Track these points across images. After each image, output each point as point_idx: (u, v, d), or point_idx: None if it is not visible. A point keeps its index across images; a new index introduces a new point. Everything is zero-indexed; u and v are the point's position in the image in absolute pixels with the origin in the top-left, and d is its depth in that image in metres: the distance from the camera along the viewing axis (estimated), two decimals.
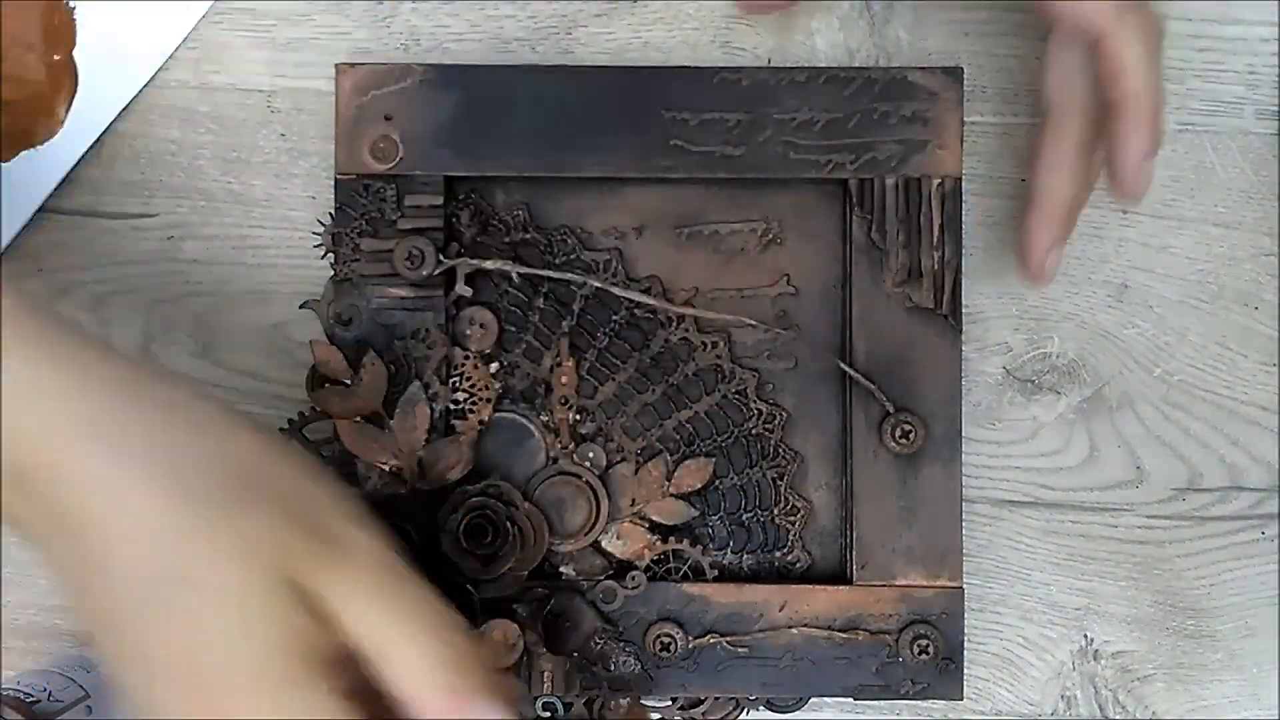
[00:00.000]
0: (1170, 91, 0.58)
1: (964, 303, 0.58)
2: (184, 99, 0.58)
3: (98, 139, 0.57)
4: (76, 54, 0.57)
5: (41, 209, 0.57)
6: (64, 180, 0.57)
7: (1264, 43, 0.58)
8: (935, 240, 0.55)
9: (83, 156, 0.57)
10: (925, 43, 0.58)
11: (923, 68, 0.55)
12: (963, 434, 0.55)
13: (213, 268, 0.58)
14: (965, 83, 0.57)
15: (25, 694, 0.50)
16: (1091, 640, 0.59)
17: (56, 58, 0.56)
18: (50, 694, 0.51)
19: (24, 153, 0.57)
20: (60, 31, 0.56)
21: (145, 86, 0.57)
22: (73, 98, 0.56)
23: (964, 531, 0.58)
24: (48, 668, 0.53)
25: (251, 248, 0.58)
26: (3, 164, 0.57)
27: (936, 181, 0.55)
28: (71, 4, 0.56)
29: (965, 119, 0.57)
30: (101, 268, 0.58)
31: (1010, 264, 0.58)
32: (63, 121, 0.57)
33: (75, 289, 0.58)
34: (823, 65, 0.56)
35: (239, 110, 0.58)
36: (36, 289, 0.57)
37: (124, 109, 0.57)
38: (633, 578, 0.55)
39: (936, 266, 0.55)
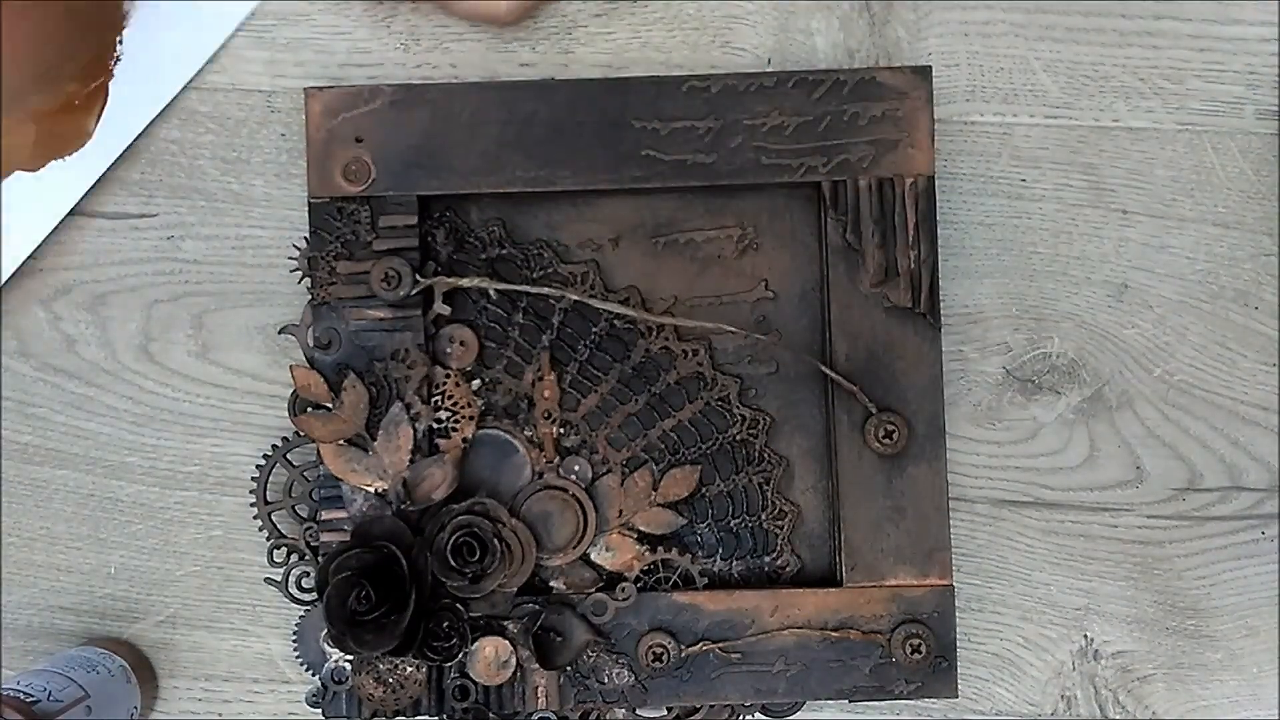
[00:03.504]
0: (1170, 91, 0.58)
1: (964, 303, 0.58)
2: (184, 99, 0.58)
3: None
4: None
5: None
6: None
7: (1264, 43, 0.58)
8: (911, 239, 0.55)
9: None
10: (925, 43, 0.58)
11: (890, 67, 0.55)
12: (946, 431, 0.55)
13: (213, 268, 0.58)
14: (966, 83, 0.57)
15: (25, 694, 0.50)
16: (1091, 640, 0.58)
17: (93, 84, 0.56)
18: (50, 694, 0.51)
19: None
20: (102, 63, 0.56)
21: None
22: (103, 110, 0.57)
23: (964, 531, 0.58)
24: (48, 668, 0.53)
25: (251, 248, 0.58)
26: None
27: (910, 181, 0.55)
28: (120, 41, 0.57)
29: (965, 119, 0.57)
30: (101, 268, 0.58)
31: (1010, 264, 0.58)
32: (92, 133, 0.57)
33: (75, 289, 0.58)
34: (791, 69, 0.57)
35: (239, 110, 0.58)
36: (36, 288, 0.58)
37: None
38: (623, 589, 0.55)
39: (913, 265, 0.55)
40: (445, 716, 0.54)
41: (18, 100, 0.51)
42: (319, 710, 0.54)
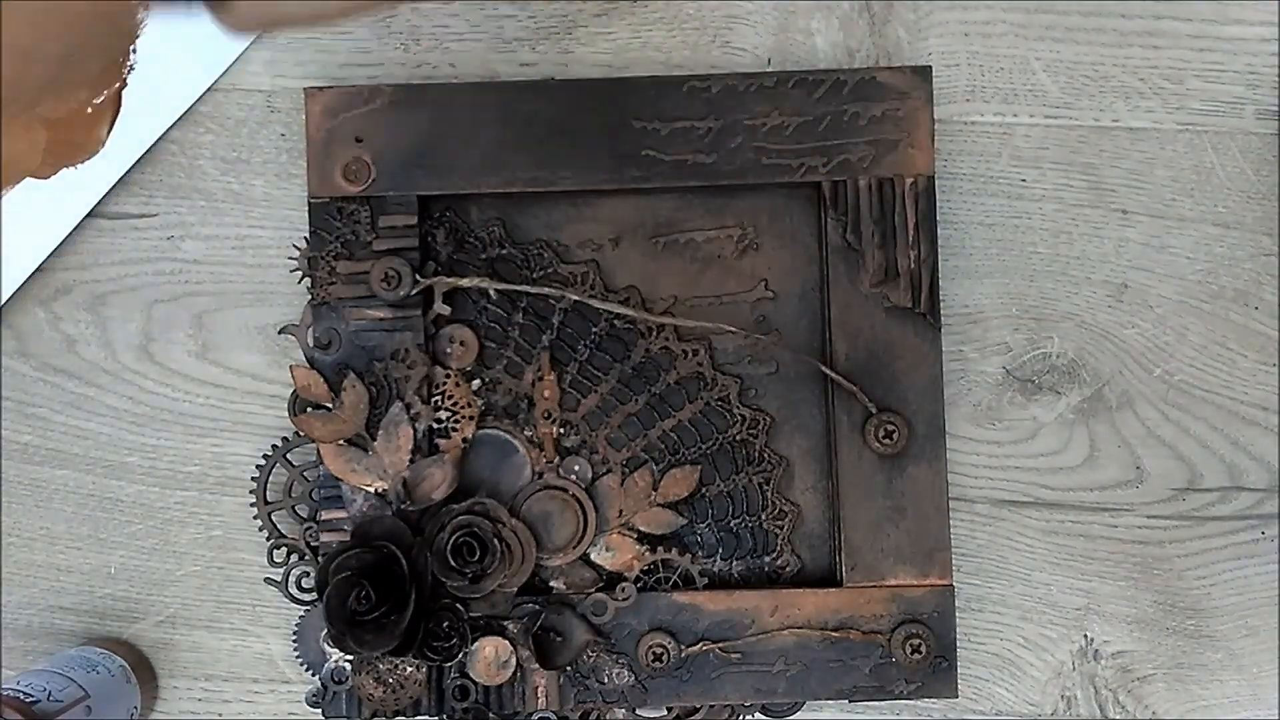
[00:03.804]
0: (1170, 91, 0.58)
1: (964, 303, 0.58)
2: None
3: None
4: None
5: None
6: None
7: (1264, 43, 0.58)
8: (911, 239, 0.55)
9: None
10: (925, 43, 0.58)
11: (891, 67, 0.55)
12: (946, 431, 0.55)
13: (213, 268, 0.58)
14: (966, 83, 0.57)
15: (25, 694, 0.50)
16: (1091, 640, 0.58)
17: (105, 93, 0.56)
18: (50, 694, 0.51)
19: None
20: (115, 71, 0.56)
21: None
22: (116, 118, 0.57)
23: (964, 531, 0.58)
24: (48, 668, 0.53)
25: (251, 248, 0.58)
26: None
27: (910, 181, 0.55)
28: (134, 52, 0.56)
29: (965, 119, 0.57)
30: (101, 268, 0.58)
31: (1010, 264, 0.58)
32: (104, 141, 0.57)
33: (75, 289, 0.58)
34: (791, 69, 0.57)
35: (239, 110, 0.58)
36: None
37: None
38: (623, 589, 0.55)
39: (913, 265, 0.55)
40: (445, 716, 0.54)
41: (29, 106, 0.51)
42: (319, 710, 0.54)
